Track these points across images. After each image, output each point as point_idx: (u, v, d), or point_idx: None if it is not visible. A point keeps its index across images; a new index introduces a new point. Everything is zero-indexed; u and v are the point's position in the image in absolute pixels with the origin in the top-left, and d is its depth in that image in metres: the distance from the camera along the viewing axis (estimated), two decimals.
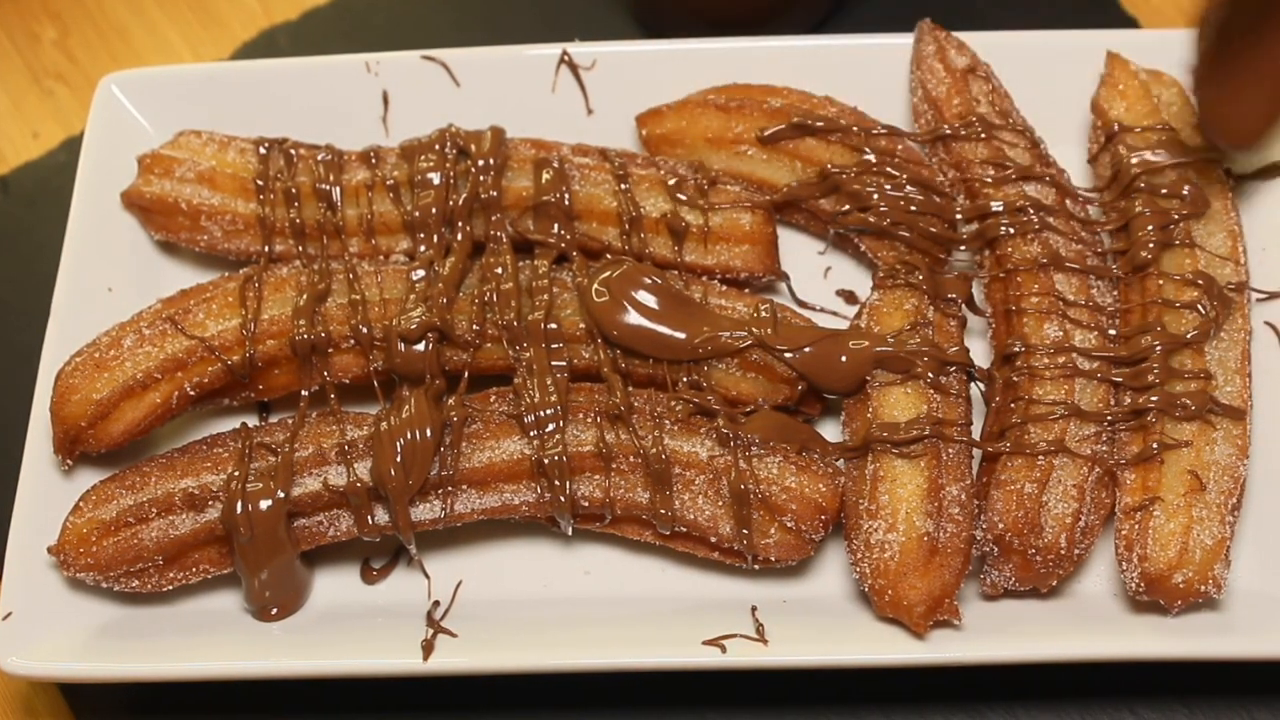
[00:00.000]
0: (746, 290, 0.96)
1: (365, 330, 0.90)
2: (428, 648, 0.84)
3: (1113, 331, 0.91)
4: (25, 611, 0.85)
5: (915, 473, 0.85)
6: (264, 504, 0.85)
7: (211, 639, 0.87)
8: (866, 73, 1.01)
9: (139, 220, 1.00)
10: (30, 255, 1.05)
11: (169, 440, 0.93)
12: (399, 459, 0.85)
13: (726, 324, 0.91)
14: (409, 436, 0.86)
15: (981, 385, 0.91)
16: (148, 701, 0.91)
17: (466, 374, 0.91)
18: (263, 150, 0.98)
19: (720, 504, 0.86)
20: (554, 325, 0.91)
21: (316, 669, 0.84)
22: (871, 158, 0.96)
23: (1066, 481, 0.85)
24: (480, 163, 0.96)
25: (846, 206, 0.96)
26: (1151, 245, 0.92)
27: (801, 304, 0.99)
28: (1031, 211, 0.93)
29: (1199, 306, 0.89)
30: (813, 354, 0.90)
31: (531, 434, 0.87)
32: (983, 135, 0.96)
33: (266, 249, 0.97)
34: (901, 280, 0.93)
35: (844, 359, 0.89)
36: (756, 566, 0.88)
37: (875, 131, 0.97)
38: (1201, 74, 0.84)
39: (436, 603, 0.88)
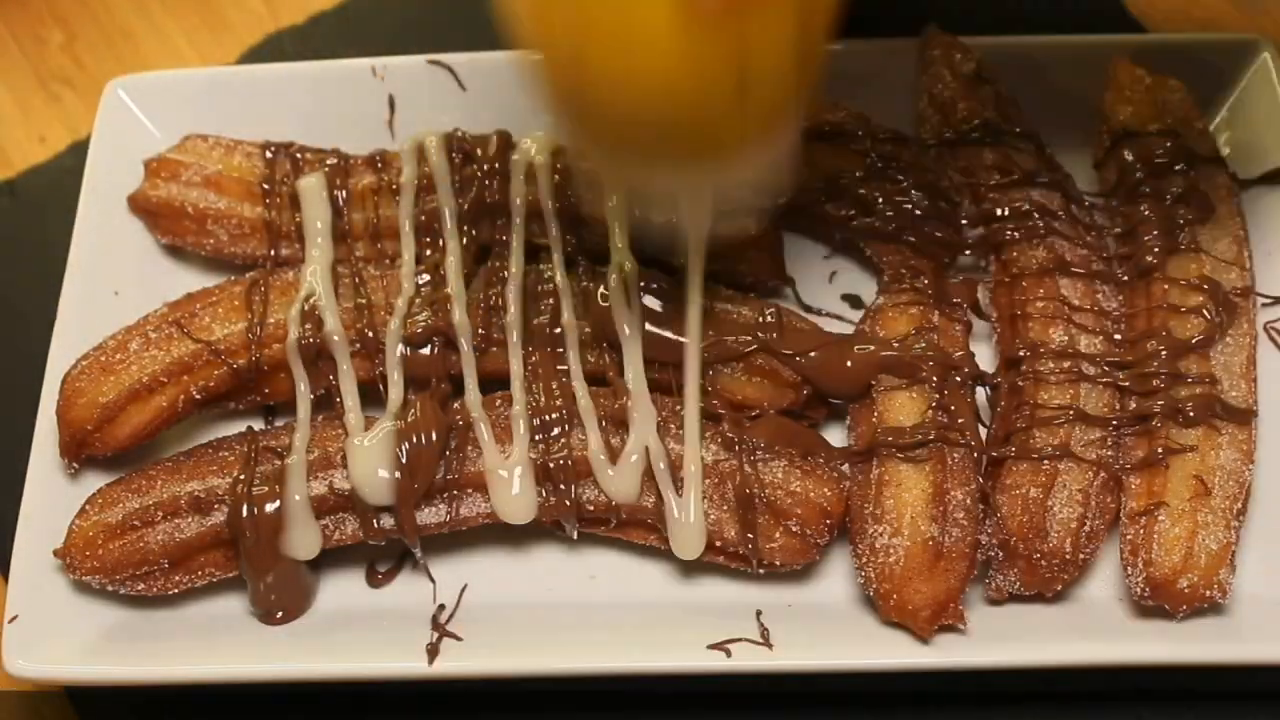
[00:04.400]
0: (752, 295, 0.96)
1: (371, 334, 0.91)
2: (432, 651, 0.84)
3: (1118, 336, 0.91)
4: (31, 614, 0.85)
5: (920, 477, 0.85)
6: (269, 507, 0.85)
7: (217, 642, 0.87)
8: (872, 77, 1.01)
9: (145, 224, 1.00)
10: (37, 259, 1.05)
11: (175, 444, 0.93)
12: (404, 463, 0.85)
13: (732, 328, 0.91)
14: (414, 440, 0.86)
15: (987, 390, 0.91)
16: (153, 704, 0.91)
17: (474, 378, 0.91)
18: (269, 154, 0.98)
19: (725, 508, 0.86)
20: (559, 329, 0.91)
21: (321, 672, 0.84)
22: (877, 163, 0.96)
23: (1071, 486, 0.85)
24: (486, 167, 0.96)
25: (852, 211, 0.96)
26: (1157, 250, 0.92)
27: (807, 309, 0.99)
28: (1037, 216, 0.93)
29: (1204, 311, 0.89)
30: (818, 359, 0.90)
31: (536, 437, 0.87)
32: (989, 140, 0.96)
33: (272, 253, 0.97)
34: (907, 285, 0.93)
35: (849, 364, 0.90)
36: (761, 571, 0.87)
37: (881, 136, 0.98)
38: None
39: (442, 606, 0.88)
